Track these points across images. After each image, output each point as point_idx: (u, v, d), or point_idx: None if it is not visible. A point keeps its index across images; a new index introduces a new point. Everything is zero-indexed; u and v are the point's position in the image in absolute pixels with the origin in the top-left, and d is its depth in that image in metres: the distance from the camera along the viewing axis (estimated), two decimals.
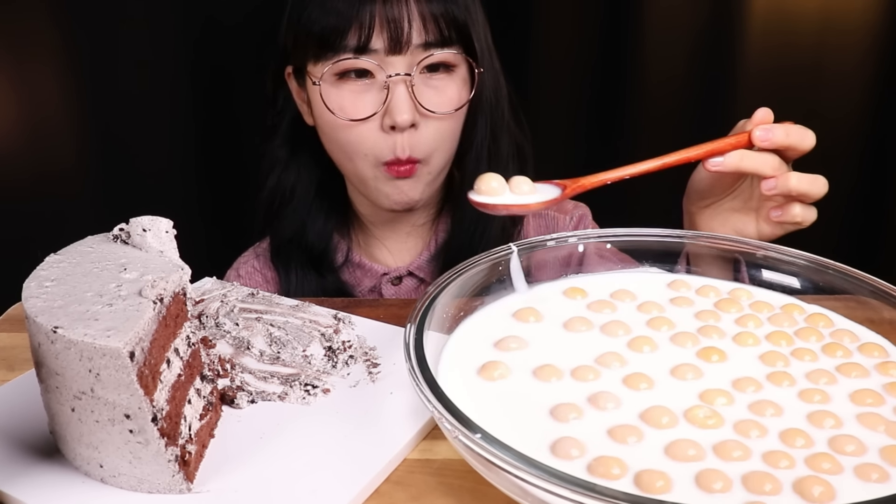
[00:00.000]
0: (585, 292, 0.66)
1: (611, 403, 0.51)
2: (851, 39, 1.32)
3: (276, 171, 0.98)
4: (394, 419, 0.56)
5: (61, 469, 0.51)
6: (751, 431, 0.49)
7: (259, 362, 0.63)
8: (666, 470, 0.45)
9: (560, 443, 0.47)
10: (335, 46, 0.85)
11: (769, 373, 0.55)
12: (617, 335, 0.60)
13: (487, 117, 0.94)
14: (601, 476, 0.44)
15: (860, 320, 0.62)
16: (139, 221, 0.55)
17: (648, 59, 1.36)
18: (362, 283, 1.01)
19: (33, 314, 0.47)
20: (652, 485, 0.44)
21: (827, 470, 0.46)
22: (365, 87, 0.87)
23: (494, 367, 0.55)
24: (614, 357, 0.57)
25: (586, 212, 1.03)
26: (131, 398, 0.45)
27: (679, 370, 0.55)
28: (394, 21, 0.83)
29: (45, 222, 1.26)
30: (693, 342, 0.59)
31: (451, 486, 0.51)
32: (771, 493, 0.44)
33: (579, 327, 0.61)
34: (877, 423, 0.50)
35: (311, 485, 0.50)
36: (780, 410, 0.51)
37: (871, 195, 1.41)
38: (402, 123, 0.85)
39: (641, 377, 0.54)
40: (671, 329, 0.61)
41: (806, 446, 0.48)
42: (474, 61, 0.89)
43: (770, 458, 0.47)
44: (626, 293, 0.66)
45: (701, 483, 0.44)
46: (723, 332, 0.60)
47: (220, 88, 1.34)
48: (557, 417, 0.50)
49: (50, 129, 1.27)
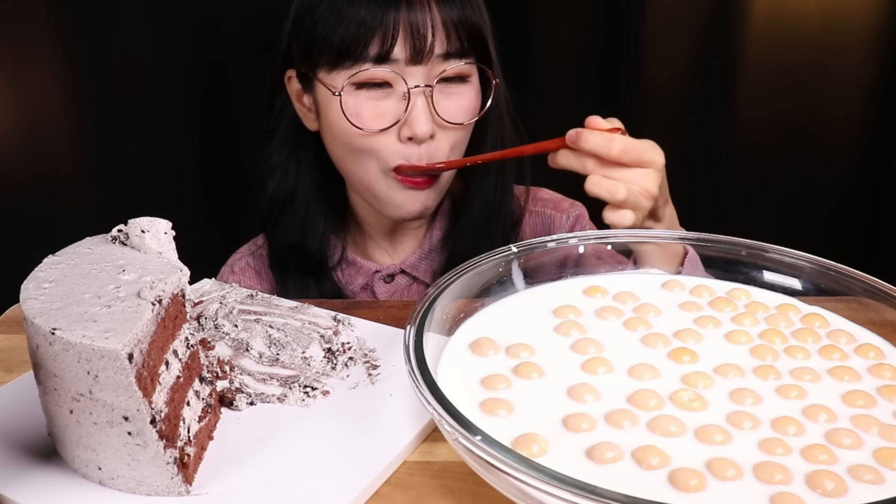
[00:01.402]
0: (603, 289, 0.67)
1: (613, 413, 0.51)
2: (853, 40, 1.32)
3: (274, 177, 0.97)
4: (393, 421, 0.56)
5: (59, 471, 0.51)
6: (743, 422, 0.50)
7: (258, 364, 0.63)
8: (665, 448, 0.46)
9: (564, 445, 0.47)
10: (355, 56, 0.83)
11: (756, 366, 0.56)
12: (622, 336, 0.60)
13: (496, 127, 0.94)
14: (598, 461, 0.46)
15: (861, 322, 0.62)
16: (138, 223, 0.55)
17: (649, 60, 1.37)
18: (354, 282, 1.01)
19: (31, 316, 0.47)
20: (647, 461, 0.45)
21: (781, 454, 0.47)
22: (384, 95, 0.86)
23: (495, 369, 0.55)
24: (614, 361, 0.57)
25: (583, 211, 1.03)
26: (130, 400, 0.45)
27: (688, 378, 0.55)
28: (416, 30, 0.82)
29: (44, 223, 1.26)
30: (692, 339, 0.59)
31: (450, 489, 0.51)
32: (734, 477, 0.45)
33: (580, 328, 0.61)
34: (870, 425, 0.50)
35: (310, 487, 0.49)
36: (759, 399, 0.52)
37: (872, 196, 1.40)
38: (421, 136, 0.85)
39: (652, 393, 0.53)
40: (669, 330, 0.61)
41: (798, 435, 0.49)
42: (490, 70, 0.89)
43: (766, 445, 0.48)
44: (629, 295, 0.66)
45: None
46: (718, 326, 0.61)
47: (219, 90, 1.34)
48: (561, 421, 0.50)
49: (48, 130, 1.26)
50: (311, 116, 0.94)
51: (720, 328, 0.61)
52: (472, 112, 0.89)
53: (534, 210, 1.02)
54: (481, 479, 0.46)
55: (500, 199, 0.96)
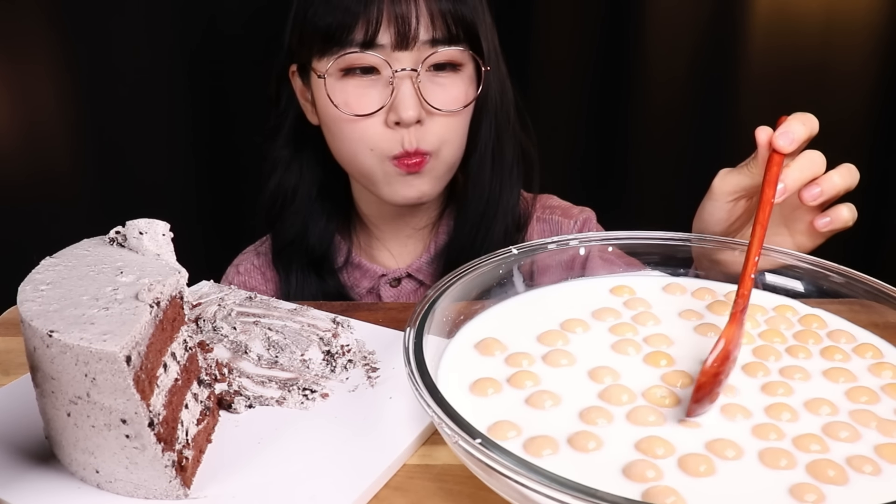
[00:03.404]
0: (613, 291, 0.66)
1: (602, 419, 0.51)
2: (855, 40, 1.32)
3: (277, 172, 0.98)
4: (393, 424, 0.56)
5: (57, 475, 0.51)
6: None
7: (257, 367, 0.63)
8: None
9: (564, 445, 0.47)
10: (341, 41, 0.85)
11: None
12: (623, 336, 0.60)
13: (492, 119, 0.94)
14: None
15: (864, 324, 0.61)
16: (136, 224, 0.54)
17: (650, 61, 1.36)
18: (360, 284, 1.01)
19: (28, 318, 0.46)
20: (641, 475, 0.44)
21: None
22: (370, 82, 0.87)
23: (495, 372, 0.55)
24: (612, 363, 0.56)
25: (591, 216, 1.03)
26: (127, 403, 0.45)
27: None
28: (401, 17, 0.83)
29: (41, 225, 1.26)
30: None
31: (450, 492, 0.50)
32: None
33: (582, 330, 0.61)
34: (869, 420, 0.50)
35: (309, 490, 0.49)
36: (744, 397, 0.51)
37: (875, 197, 1.40)
38: (407, 119, 0.85)
39: (652, 409, 0.53)
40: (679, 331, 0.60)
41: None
42: (481, 60, 0.89)
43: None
44: (630, 296, 0.66)
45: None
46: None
47: (218, 91, 1.34)
48: (561, 424, 0.50)
49: (46, 131, 1.26)
50: (312, 110, 0.94)
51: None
52: (463, 100, 0.89)
53: (542, 217, 1.02)
54: (481, 483, 0.45)
55: (497, 192, 0.96)
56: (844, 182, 0.66)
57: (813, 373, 0.55)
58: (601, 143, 1.41)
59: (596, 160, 1.41)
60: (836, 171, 0.67)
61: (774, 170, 0.64)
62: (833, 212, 0.68)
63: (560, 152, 1.41)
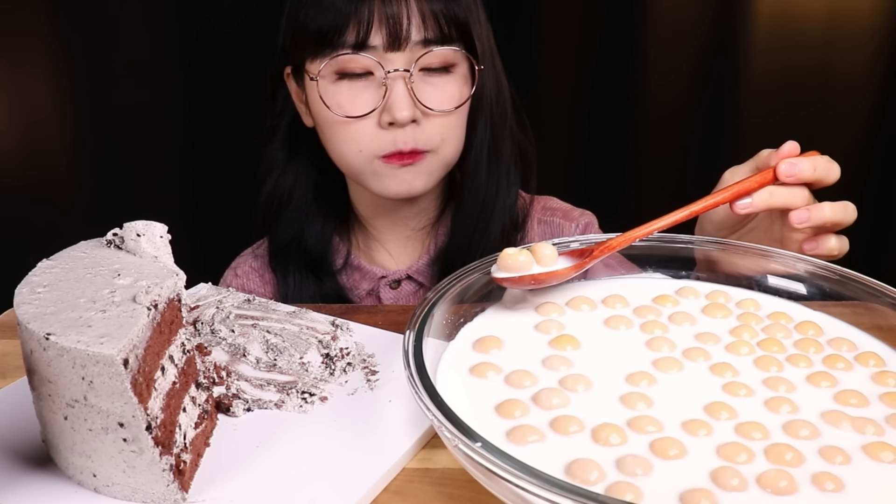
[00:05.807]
0: (591, 301, 0.65)
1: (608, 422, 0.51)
2: (858, 40, 1.32)
3: (273, 174, 0.98)
4: (392, 428, 0.55)
5: (54, 478, 0.50)
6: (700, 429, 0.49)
7: (255, 370, 0.62)
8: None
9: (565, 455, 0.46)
10: (333, 43, 0.85)
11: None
12: (629, 345, 0.59)
13: (488, 118, 0.94)
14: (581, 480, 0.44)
15: (867, 327, 0.61)
16: (133, 226, 0.54)
17: (652, 61, 1.36)
18: (360, 287, 1.00)
19: (25, 320, 0.46)
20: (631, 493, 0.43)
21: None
22: (363, 84, 0.87)
23: (495, 374, 0.54)
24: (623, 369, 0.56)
25: (592, 219, 1.03)
26: (125, 406, 0.45)
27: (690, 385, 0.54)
28: (392, 17, 0.83)
29: (38, 227, 1.26)
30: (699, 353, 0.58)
31: (450, 496, 0.50)
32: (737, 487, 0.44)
33: (583, 335, 0.60)
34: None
35: (308, 494, 0.49)
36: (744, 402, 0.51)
37: (878, 198, 1.40)
38: (401, 120, 0.85)
39: (652, 419, 0.51)
40: (675, 342, 0.60)
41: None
42: (475, 59, 0.89)
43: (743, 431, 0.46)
44: (644, 308, 0.65)
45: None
46: (718, 343, 0.60)
47: (215, 92, 1.34)
48: (557, 428, 0.49)
49: (44, 132, 1.26)
50: (307, 112, 0.94)
51: (719, 343, 0.59)
52: (457, 100, 0.89)
53: (543, 219, 1.02)
54: (481, 487, 0.45)
55: (494, 192, 0.96)
56: (835, 215, 0.68)
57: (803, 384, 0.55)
58: (602, 144, 1.41)
59: (597, 161, 1.41)
60: (830, 204, 0.69)
61: (755, 181, 0.67)
62: (822, 238, 0.71)
63: (561, 153, 1.41)
